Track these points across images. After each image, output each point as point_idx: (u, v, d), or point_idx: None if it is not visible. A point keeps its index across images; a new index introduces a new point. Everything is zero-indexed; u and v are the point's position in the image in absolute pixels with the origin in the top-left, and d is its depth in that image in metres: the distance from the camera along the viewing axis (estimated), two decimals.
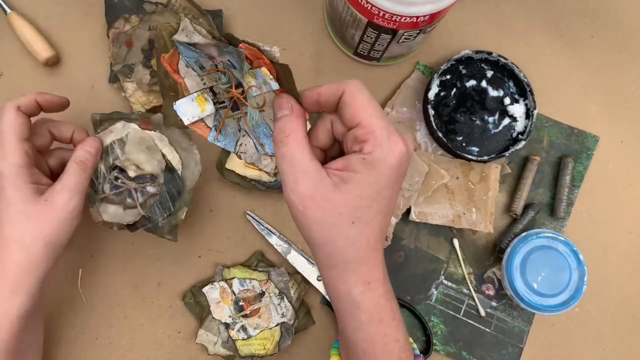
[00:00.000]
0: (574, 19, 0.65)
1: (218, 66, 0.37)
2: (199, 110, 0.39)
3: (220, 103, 0.39)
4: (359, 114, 0.33)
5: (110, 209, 0.53)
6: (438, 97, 0.61)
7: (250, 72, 0.35)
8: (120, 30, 0.59)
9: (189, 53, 0.37)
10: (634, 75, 0.65)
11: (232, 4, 0.62)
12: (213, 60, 0.36)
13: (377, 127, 0.33)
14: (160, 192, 0.53)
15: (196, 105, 0.39)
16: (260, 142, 0.40)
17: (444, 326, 0.60)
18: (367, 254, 0.35)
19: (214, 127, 0.40)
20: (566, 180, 0.61)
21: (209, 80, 0.38)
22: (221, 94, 0.39)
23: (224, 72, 0.37)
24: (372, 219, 0.34)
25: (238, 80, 0.37)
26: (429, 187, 0.60)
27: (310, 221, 0.34)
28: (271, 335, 0.57)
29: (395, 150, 0.33)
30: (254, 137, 0.40)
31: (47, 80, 0.61)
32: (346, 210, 0.33)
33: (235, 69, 0.36)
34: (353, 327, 0.37)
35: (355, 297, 0.36)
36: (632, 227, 0.63)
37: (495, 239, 0.62)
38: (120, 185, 0.53)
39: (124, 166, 0.53)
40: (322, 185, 0.33)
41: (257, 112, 0.38)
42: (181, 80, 0.39)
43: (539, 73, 0.64)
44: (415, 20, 0.49)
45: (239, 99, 0.38)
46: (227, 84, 0.38)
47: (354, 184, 0.33)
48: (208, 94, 0.39)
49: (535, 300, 0.57)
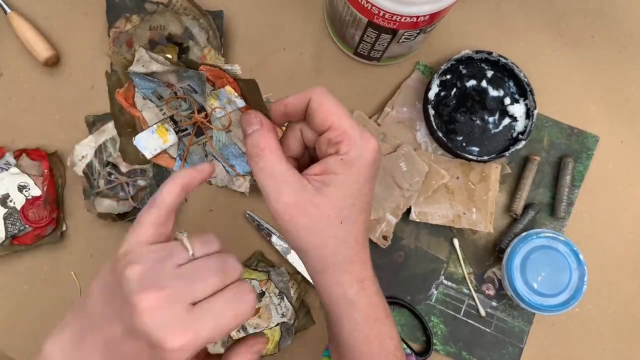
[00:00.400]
0: (574, 19, 0.65)
1: (177, 93, 0.36)
2: (161, 141, 0.38)
3: (182, 131, 0.38)
4: (329, 117, 0.34)
5: (104, 203, 0.57)
6: (438, 97, 0.61)
7: (213, 93, 0.35)
8: (121, 30, 0.59)
9: (146, 84, 0.35)
10: (634, 75, 0.65)
11: (233, 4, 0.62)
12: (172, 88, 0.35)
13: (348, 127, 0.34)
14: (149, 184, 0.57)
15: (157, 137, 0.38)
16: (230, 164, 0.39)
17: (444, 326, 0.60)
18: (358, 252, 0.36)
19: (178, 156, 0.39)
20: (566, 180, 0.61)
21: (169, 109, 0.37)
22: (183, 121, 0.37)
23: (184, 99, 0.36)
24: (357, 217, 0.35)
25: (200, 105, 0.36)
26: (429, 187, 0.60)
27: (298, 228, 0.34)
28: (271, 335, 0.57)
29: (369, 146, 0.34)
30: (222, 160, 0.39)
31: (47, 80, 0.61)
32: (332, 212, 0.34)
33: (196, 93, 0.35)
34: (349, 329, 0.37)
35: (350, 298, 0.36)
36: (632, 227, 0.63)
37: (496, 239, 0.62)
38: (113, 180, 0.57)
39: (116, 162, 0.57)
40: (304, 192, 0.33)
41: (224, 133, 0.37)
42: (138, 114, 0.37)
43: (539, 73, 0.64)
44: (416, 20, 0.49)
45: (202, 123, 0.37)
46: (188, 110, 0.37)
47: (335, 185, 0.34)
48: (169, 124, 0.38)
49: (536, 300, 0.57)
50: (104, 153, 0.58)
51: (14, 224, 0.57)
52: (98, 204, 0.57)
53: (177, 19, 0.59)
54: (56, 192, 0.59)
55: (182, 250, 0.32)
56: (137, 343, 0.29)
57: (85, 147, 0.58)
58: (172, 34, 0.58)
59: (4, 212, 0.57)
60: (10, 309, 0.58)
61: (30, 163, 0.58)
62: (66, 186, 0.60)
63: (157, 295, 0.28)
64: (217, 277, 0.31)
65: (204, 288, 0.30)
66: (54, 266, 0.59)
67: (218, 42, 0.60)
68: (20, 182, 0.58)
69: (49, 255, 0.59)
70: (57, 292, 0.59)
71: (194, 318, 0.29)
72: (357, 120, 0.61)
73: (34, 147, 0.59)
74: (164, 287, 0.29)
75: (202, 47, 0.59)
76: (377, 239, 0.60)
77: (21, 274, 0.59)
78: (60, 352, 0.31)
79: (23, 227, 0.57)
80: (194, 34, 0.59)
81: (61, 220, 0.59)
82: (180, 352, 0.28)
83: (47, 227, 0.58)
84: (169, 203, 0.33)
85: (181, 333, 0.28)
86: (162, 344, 0.28)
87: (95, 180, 0.57)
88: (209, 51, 0.59)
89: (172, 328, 0.28)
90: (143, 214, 0.33)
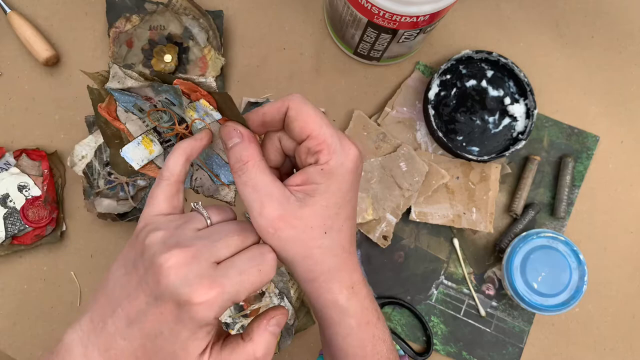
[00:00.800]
0: (574, 19, 0.65)
1: (157, 106, 0.36)
2: (147, 152, 0.39)
3: (166, 142, 0.39)
4: (308, 126, 0.33)
5: (104, 202, 0.57)
6: (438, 96, 0.61)
7: (191, 105, 0.35)
8: (121, 30, 0.59)
9: (125, 98, 0.36)
10: (634, 75, 0.65)
11: (233, 4, 0.62)
12: (151, 101, 0.36)
13: (328, 135, 0.33)
14: (149, 184, 0.57)
15: (143, 148, 0.38)
16: (215, 173, 0.39)
17: (444, 326, 0.60)
18: (345, 260, 0.36)
19: None
20: (566, 180, 0.61)
21: (151, 121, 0.38)
22: (166, 133, 0.38)
23: (165, 111, 0.37)
24: (342, 225, 0.35)
25: (180, 116, 0.37)
26: (429, 187, 0.60)
27: (284, 241, 0.33)
28: None
29: (350, 154, 0.34)
30: (207, 170, 0.39)
31: (46, 80, 0.61)
32: (316, 222, 0.34)
33: (174, 106, 0.36)
34: (343, 335, 0.37)
35: (342, 304, 0.36)
36: (632, 227, 0.63)
37: (496, 239, 0.62)
38: (113, 180, 0.57)
39: None
40: (288, 204, 0.33)
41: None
42: (123, 126, 0.38)
43: (539, 73, 0.64)
44: (416, 20, 0.49)
45: (184, 134, 0.37)
46: (169, 122, 0.37)
47: (318, 195, 0.33)
48: (153, 135, 0.39)
49: (536, 300, 0.57)
50: (104, 153, 0.57)
51: (13, 223, 0.57)
52: (98, 204, 0.57)
53: (177, 18, 0.59)
54: (56, 192, 0.59)
55: (200, 217, 0.33)
56: (162, 308, 0.29)
57: (85, 147, 0.58)
58: (172, 33, 0.58)
59: (4, 212, 0.57)
60: (10, 308, 0.58)
61: (30, 163, 0.58)
62: (66, 186, 0.60)
63: (182, 254, 0.29)
64: (238, 238, 0.32)
65: (226, 246, 0.31)
66: (53, 266, 0.59)
67: (218, 42, 0.60)
68: (20, 182, 0.58)
69: (48, 255, 0.59)
70: (57, 292, 0.59)
71: (220, 274, 0.29)
72: (357, 120, 0.61)
73: (33, 147, 0.59)
74: (188, 246, 0.29)
75: (202, 47, 0.59)
76: (377, 239, 0.60)
77: (21, 273, 0.59)
78: (79, 340, 0.31)
79: (23, 227, 0.57)
80: (193, 33, 0.59)
81: (61, 220, 0.59)
82: (208, 305, 0.28)
83: (47, 227, 0.58)
84: (177, 174, 0.34)
85: (208, 286, 0.28)
86: (190, 298, 0.28)
87: (95, 180, 0.57)
88: (208, 51, 0.59)
89: (199, 282, 0.28)
90: (155, 189, 0.34)
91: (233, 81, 0.62)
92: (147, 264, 0.30)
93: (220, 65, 0.59)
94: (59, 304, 0.59)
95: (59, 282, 0.59)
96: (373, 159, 0.60)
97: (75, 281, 0.59)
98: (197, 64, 0.59)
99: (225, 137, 0.35)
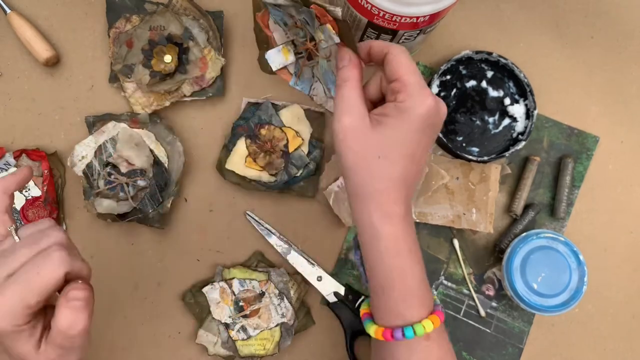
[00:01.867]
0: (574, 20, 0.65)
1: (297, 23, 0.45)
2: (284, 59, 0.48)
3: (298, 54, 0.48)
4: (398, 70, 0.39)
5: (104, 203, 0.57)
6: (438, 97, 0.61)
7: (320, 28, 0.42)
8: (121, 30, 0.59)
9: (276, 12, 0.45)
10: (634, 75, 0.65)
11: (233, 4, 0.62)
12: (293, 18, 0.44)
13: (411, 81, 0.39)
14: (149, 185, 0.57)
15: (281, 55, 0.48)
16: (328, 87, 0.47)
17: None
18: (388, 188, 0.40)
19: (294, 73, 0.50)
20: (566, 181, 0.61)
21: (291, 34, 0.47)
22: (300, 46, 0.47)
23: (302, 28, 0.45)
24: (398, 160, 0.40)
25: (311, 35, 0.45)
26: (429, 187, 0.60)
27: (346, 149, 0.40)
28: (271, 335, 0.57)
29: (424, 102, 0.39)
30: (323, 83, 0.48)
31: (46, 80, 0.61)
32: (375, 144, 0.40)
33: (309, 25, 0.44)
34: (374, 259, 0.41)
35: (375, 225, 0.41)
36: (632, 228, 0.63)
37: (496, 240, 0.62)
38: (113, 181, 0.57)
39: (116, 162, 0.57)
40: (361, 121, 0.40)
41: (326, 61, 0.45)
42: (271, 34, 0.48)
43: (539, 73, 0.64)
44: (416, 20, 0.49)
45: (312, 50, 0.46)
46: (303, 38, 0.46)
47: (386, 125, 0.40)
48: (290, 46, 0.48)
49: (535, 300, 0.57)
50: (104, 153, 0.57)
51: None
52: (98, 204, 0.57)
53: (177, 19, 0.59)
54: (56, 192, 0.59)
55: (10, 239, 0.37)
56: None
57: (85, 147, 0.58)
58: (172, 34, 0.58)
59: None
60: None
61: (30, 163, 0.59)
62: (66, 186, 0.60)
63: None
64: (27, 249, 0.35)
65: (13, 261, 0.34)
66: None
67: (218, 43, 0.60)
68: None
69: None
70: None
71: (6, 285, 0.33)
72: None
73: (33, 148, 0.59)
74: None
75: (202, 47, 0.59)
76: None
77: None
78: None
79: None
80: (194, 34, 0.59)
81: (61, 221, 0.59)
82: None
83: None
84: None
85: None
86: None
87: (95, 181, 0.57)
88: (209, 51, 0.59)
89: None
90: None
91: (233, 81, 0.62)
92: None
93: (220, 65, 0.59)
94: None
95: None
96: None
97: None
98: (197, 64, 0.59)
99: (339, 58, 0.42)
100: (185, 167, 0.59)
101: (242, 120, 0.59)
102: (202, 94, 0.60)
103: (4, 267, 0.34)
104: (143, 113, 0.58)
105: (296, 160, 0.59)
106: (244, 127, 0.59)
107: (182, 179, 0.59)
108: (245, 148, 0.59)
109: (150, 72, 0.58)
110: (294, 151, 0.59)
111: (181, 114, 0.61)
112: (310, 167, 0.60)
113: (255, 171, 0.59)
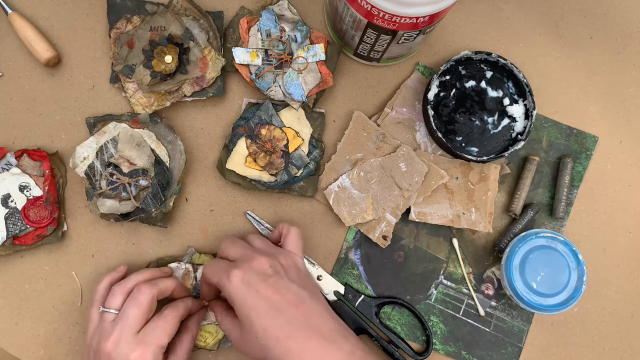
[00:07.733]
0: (574, 20, 0.65)
1: (282, 37, 0.53)
2: (249, 59, 0.57)
3: (268, 62, 0.57)
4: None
5: (107, 203, 0.57)
6: (438, 97, 0.61)
7: (306, 47, 0.52)
8: (121, 31, 0.59)
9: (267, 22, 0.54)
10: (633, 75, 0.65)
11: (233, 4, 0.63)
12: (282, 33, 0.52)
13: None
14: (151, 184, 0.57)
15: (248, 56, 0.57)
16: (289, 92, 0.57)
17: (443, 326, 0.61)
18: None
19: (255, 73, 0.57)
20: (565, 181, 0.61)
21: (268, 45, 0.56)
22: (273, 55, 0.56)
23: (283, 42, 0.55)
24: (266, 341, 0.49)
25: (292, 50, 0.56)
26: (428, 187, 0.60)
27: (246, 352, 0.50)
28: (215, 331, 0.57)
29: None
30: (283, 88, 0.57)
31: (47, 81, 0.61)
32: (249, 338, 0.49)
33: (295, 43, 0.53)
34: None
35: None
36: (631, 227, 0.63)
37: (495, 239, 0.62)
38: (115, 181, 0.57)
39: (117, 163, 0.57)
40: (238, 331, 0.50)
41: (296, 74, 0.56)
42: (246, 38, 0.57)
43: (539, 73, 0.64)
44: (415, 21, 0.49)
45: (287, 61, 0.56)
46: (281, 50, 0.55)
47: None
48: (261, 53, 0.57)
49: (535, 299, 0.57)
50: (105, 154, 0.58)
51: (15, 224, 0.57)
52: (100, 205, 0.57)
53: (177, 19, 0.59)
54: (57, 192, 0.59)
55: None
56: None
57: (87, 148, 0.58)
58: (172, 34, 0.59)
59: (5, 212, 0.57)
60: (12, 308, 0.59)
61: (31, 163, 0.59)
62: (67, 186, 0.60)
63: (110, 340, 0.48)
64: (139, 312, 0.49)
65: (137, 321, 0.49)
66: (55, 266, 0.59)
67: (218, 43, 0.60)
68: (22, 182, 0.58)
69: (50, 255, 0.59)
70: (58, 291, 0.59)
71: (140, 338, 0.48)
72: (357, 121, 0.61)
73: (34, 148, 0.59)
74: (111, 333, 0.49)
75: (203, 47, 0.59)
76: (376, 239, 0.60)
77: (22, 273, 0.59)
78: None
79: (24, 227, 0.57)
80: (194, 34, 0.59)
81: (62, 220, 0.59)
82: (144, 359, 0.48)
83: (48, 227, 0.58)
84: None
85: (137, 349, 0.48)
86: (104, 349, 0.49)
87: (97, 182, 0.57)
88: (209, 52, 0.59)
89: (129, 348, 0.48)
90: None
91: (233, 82, 0.62)
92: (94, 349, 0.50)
93: (221, 65, 0.59)
94: (60, 303, 0.59)
95: (60, 282, 0.59)
96: (373, 159, 0.60)
97: (77, 281, 0.59)
98: (198, 65, 0.59)
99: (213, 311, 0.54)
100: (186, 167, 0.59)
101: (243, 120, 0.60)
102: (203, 94, 0.60)
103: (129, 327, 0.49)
104: (144, 113, 0.59)
105: (296, 160, 0.59)
106: (245, 127, 0.59)
107: (183, 178, 0.59)
108: (246, 148, 0.59)
109: (151, 73, 0.58)
110: (294, 151, 0.59)
111: (182, 114, 0.62)
112: (310, 167, 0.60)
113: (256, 171, 0.59)
